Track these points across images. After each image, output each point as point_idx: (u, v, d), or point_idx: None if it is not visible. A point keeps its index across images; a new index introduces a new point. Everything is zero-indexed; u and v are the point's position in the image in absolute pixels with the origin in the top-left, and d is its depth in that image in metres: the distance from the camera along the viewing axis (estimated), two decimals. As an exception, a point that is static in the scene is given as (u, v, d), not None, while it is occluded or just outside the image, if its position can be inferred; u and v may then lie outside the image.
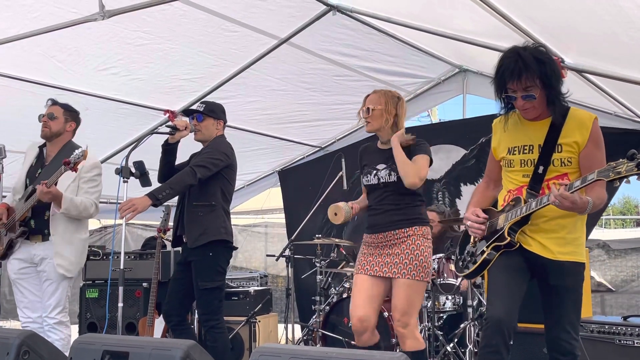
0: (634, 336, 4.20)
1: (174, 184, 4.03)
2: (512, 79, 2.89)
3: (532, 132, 3.03)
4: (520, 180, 3.06)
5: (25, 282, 4.34)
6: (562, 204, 2.72)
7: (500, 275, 3.00)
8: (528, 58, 2.86)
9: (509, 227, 2.96)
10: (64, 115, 4.43)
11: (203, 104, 4.39)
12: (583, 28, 3.95)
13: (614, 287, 6.86)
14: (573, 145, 2.93)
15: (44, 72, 4.90)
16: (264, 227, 10.05)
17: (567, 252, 2.96)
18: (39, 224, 4.29)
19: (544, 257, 2.95)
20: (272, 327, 6.37)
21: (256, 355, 2.43)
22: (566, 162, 2.95)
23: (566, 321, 2.98)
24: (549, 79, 2.88)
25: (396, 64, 6.00)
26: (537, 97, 2.90)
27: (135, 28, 4.59)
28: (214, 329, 4.18)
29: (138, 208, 3.84)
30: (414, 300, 3.68)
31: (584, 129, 2.94)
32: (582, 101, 5.81)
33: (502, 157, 3.15)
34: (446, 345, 5.10)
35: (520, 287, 2.98)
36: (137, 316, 5.78)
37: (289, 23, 5.03)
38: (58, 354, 3.00)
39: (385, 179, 3.77)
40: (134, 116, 5.79)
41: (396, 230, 3.73)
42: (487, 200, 3.30)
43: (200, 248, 4.14)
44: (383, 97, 3.83)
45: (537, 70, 2.86)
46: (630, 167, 2.49)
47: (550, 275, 2.98)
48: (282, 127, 6.86)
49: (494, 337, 2.83)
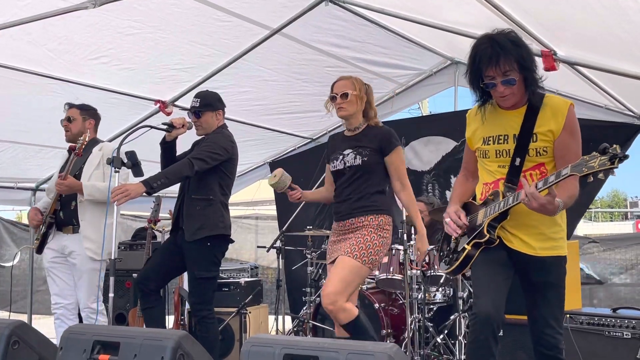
0: (623, 328, 4.23)
1: (170, 173, 4.01)
2: (490, 64, 2.81)
3: (506, 121, 2.97)
4: (496, 171, 3.01)
5: (57, 271, 4.64)
6: (531, 204, 2.67)
7: (484, 270, 2.97)
8: (504, 41, 2.80)
9: (488, 224, 2.93)
10: (80, 115, 4.73)
11: (198, 98, 4.33)
12: (576, 20, 3.96)
13: (603, 279, 6.90)
14: (548, 134, 2.87)
15: (34, 60, 4.86)
16: (255, 219, 10.04)
17: (548, 247, 2.94)
18: (67, 215, 4.56)
19: (525, 253, 2.93)
20: (262, 319, 6.37)
21: (248, 345, 2.42)
22: (541, 151, 2.89)
23: (550, 317, 2.97)
24: (526, 62, 2.82)
25: (388, 55, 5.99)
26: (516, 82, 2.83)
27: (126, 17, 4.55)
28: (206, 319, 4.18)
29: (131, 194, 3.83)
30: (349, 279, 3.62)
31: (560, 116, 2.86)
32: (573, 94, 5.83)
33: (477, 147, 3.10)
34: (436, 336, 5.13)
35: (506, 281, 2.96)
36: (127, 307, 5.77)
37: (281, 13, 5.00)
38: (48, 344, 2.99)
39: (351, 162, 3.81)
40: (125, 106, 5.75)
41: (353, 219, 3.78)
42: (468, 193, 3.26)
43: (198, 241, 4.13)
44: (356, 83, 3.87)
45: (514, 53, 2.79)
46: (603, 161, 2.40)
47: (532, 271, 2.97)
48: (273, 118, 6.84)
49: (482, 332, 2.80)
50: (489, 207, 2.96)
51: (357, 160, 3.79)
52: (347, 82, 3.87)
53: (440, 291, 5.30)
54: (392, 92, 6.80)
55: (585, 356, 4.31)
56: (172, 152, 4.32)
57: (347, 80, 3.89)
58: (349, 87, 3.84)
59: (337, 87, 3.89)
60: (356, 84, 3.86)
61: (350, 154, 3.83)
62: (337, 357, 2.20)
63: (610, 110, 5.82)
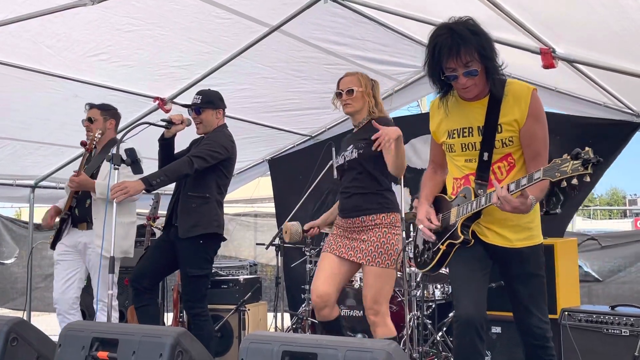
0: (621, 325, 4.23)
1: (170, 172, 4.02)
2: (451, 55, 2.72)
3: (470, 113, 2.90)
4: (464, 166, 2.95)
5: (64, 263, 4.70)
6: (504, 208, 2.62)
7: (461, 270, 2.92)
8: (463, 31, 2.72)
9: (462, 224, 2.87)
10: (102, 115, 4.86)
11: (200, 95, 4.35)
12: (575, 18, 3.95)
13: (602, 277, 6.90)
14: (513, 124, 2.81)
15: (33, 57, 4.85)
16: (254, 217, 10.03)
17: (524, 237, 2.90)
18: (82, 212, 4.68)
19: (502, 246, 2.89)
20: (261, 316, 6.38)
21: (247, 342, 2.43)
22: (507, 142, 2.83)
23: (533, 306, 2.93)
24: (487, 51, 2.74)
25: (387, 52, 5.99)
26: (478, 72, 2.75)
27: (125, 14, 4.54)
28: (200, 317, 4.19)
29: (130, 191, 3.86)
30: (383, 288, 3.73)
31: (522, 103, 2.79)
32: (572, 92, 5.83)
33: (442, 141, 3.04)
34: (435, 333, 5.14)
35: (484, 276, 2.93)
36: (126, 304, 5.76)
37: (280, 11, 5.00)
38: (47, 341, 3.00)
39: (349, 157, 3.82)
40: (124, 103, 5.74)
41: (363, 217, 3.76)
42: (438, 186, 3.21)
43: (191, 239, 4.13)
44: (362, 79, 3.87)
45: (474, 43, 2.71)
46: (576, 165, 2.35)
47: (511, 263, 2.94)
48: (272, 116, 6.83)
49: (467, 335, 2.75)
50: (461, 206, 2.90)
51: (353, 153, 3.80)
52: (353, 78, 3.88)
53: (439, 288, 5.31)
54: (391, 90, 6.79)
55: (583, 353, 4.32)
56: (171, 149, 4.32)
57: (352, 76, 3.90)
58: (354, 84, 3.85)
59: (343, 83, 3.90)
60: (362, 80, 3.87)
61: (349, 149, 3.86)
62: (336, 354, 2.21)
63: (609, 107, 5.81)
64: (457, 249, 2.93)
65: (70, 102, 5.42)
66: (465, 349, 2.77)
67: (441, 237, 2.98)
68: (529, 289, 2.94)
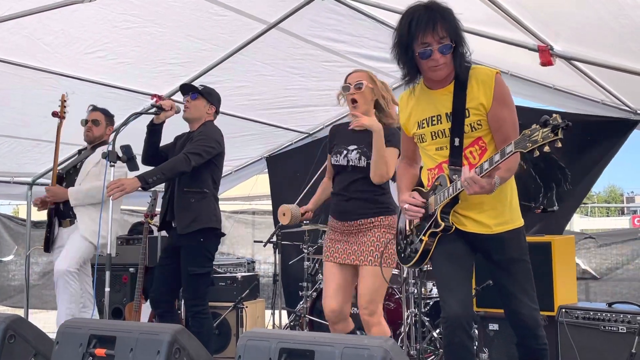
0: (618, 322, 4.24)
1: (167, 170, 4.00)
2: (427, 29, 2.71)
3: (437, 101, 2.89)
4: (435, 154, 2.94)
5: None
6: (472, 189, 2.62)
7: (445, 267, 2.90)
8: (438, 8, 2.74)
9: (441, 211, 2.85)
10: (105, 120, 5.04)
11: (202, 86, 4.42)
12: (573, 15, 3.95)
13: (599, 274, 6.92)
14: (480, 107, 2.79)
15: (30, 54, 4.84)
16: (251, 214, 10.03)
17: (503, 222, 2.87)
18: (67, 207, 4.85)
19: (482, 234, 2.86)
20: (259, 313, 6.38)
21: (244, 339, 2.43)
22: (476, 125, 2.82)
23: (520, 292, 2.88)
24: (459, 31, 2.75)
25: (385, 50, 5.91)
26: (451, 50, 2.73)
27: (122, 11, 4.54)
28: (200, 314, 4.19)
29: (126, 188, 3.84)
30: (379, 287, 3.68)
31: (487, 88, 2.78)
32: (569, 89, 5.83)
33: (413, 133, 3.03)
34: (432, 331, 5.14)
35: (468, 272, 2.91)
36: (123, 301, 5.77)
37: (278, 8, 4.99)
38: (44, 338, 2.99)
39: (355, 163, 3.71)
40: (121, 100, 5.73)
41: (362, 220, 3.70)
42: (415, 179, 3.19)
43: (191, 234, 4.12)
44: (373, 77, 3.75)
45: (449, 19, 2.73)
46: (546, 133, 2.33)
47: (492, 250, 2.90)
48: (270, 113, 6.82)
49: (456, 335, 2.76)
50: (438, 194, 2.88)
51: (361, 162, 3.70)
52: (364, 74, 3.76)
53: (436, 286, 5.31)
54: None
55: (580, 350, 4.33)
56: (158, 136, 4.32)
57: (362, 72, 3.78)
58: (364, 78, 3.71)
59: (352, 77, 3.75)
60: (373, 78, 3.74)
61: (355, 153, 3.73)
62: (333, 351, 2.21)
63: (607, 105, 5.82)
64: (439, 244, 2.90)
65: (68, 100, 5.40)
66: (455, 349, 2.78)
67: (422, 229, 2.96)
68: (514, 275, 2.89)
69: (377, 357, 2.12)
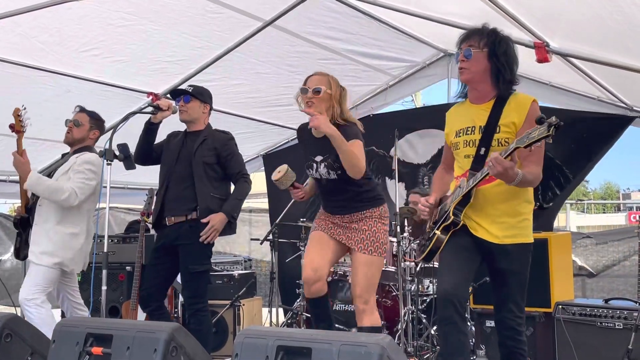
0: (614, 318, 4.26)
1: (241, 196, 4.31)
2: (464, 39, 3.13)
3: (475, 114, 3.14)
4: (463, 162, 3.17)
5: None
6: (495, 168, 2.82)
7: (449, 254, 3.15)
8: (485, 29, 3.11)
9: (454, 208, 3.10)
10: (89, 122, 4.64)
11: (191, 87, 4.38)
12: (569, 12, 3.95)
13: (596, 272, 6.93)
14: (510, 125, 3.03)
15: (25, 53, 4.82)
16: (248, 212, 10.02)
17: (512, 235, 3.08)
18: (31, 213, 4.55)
19: (490, 242, 3.07)
20: (256, 311, 6.38)
21: (241, 337, 2.42)
22: (503, 142, 3.04)
23: (511, 302, 3.13)
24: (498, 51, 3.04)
25: (381, 47, 5.98)
26: (473, 56, 3.05)
27: (117, 9, 4.52)
28: (200, 312, 4.19)
29: (219, 228, 4.08)
30: (373, 276, 3.74)
31: (522, 109, 3.03)
32: (566, 85, 5.85)
33: (450, 141, 3.29)
34: (429, 328, 5.14)
35: (469, 262, 3.12)
36: (120, 300, 5.75)
37: (274, 5, 4.99)
38: (40, 337, 2.99)
39: (326, 177, 3.72)
40: (117, 98, 5.72)
41: (354, 212, 3.74)
42: (447, 185, 3.43)
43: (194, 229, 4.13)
44: (332, 83, 3.69)
45: (489, 38, 3.06)
46: (542, 130, 2.63)
47: (496, 259, 3.11)
48: (266, 111, 6.82)
49: (446, 310, 2.99)
50: (454, 193, 3.16)
51: (331, 175, 3.69)
52: (323, 78, 3.69)
53: (433, 283, 5.31)
54: (385, 85, 6.79)
55: (577, 347, 4.34)
56: (154, 135, 4.33)
57: (323, 76, 3.70)
58: (323, 83, 3.66)
59: (312, 81, 3.69)
60: (332, 83, 3.68)
61: (323, 167, 3.70)
62: (330, 348, 2.20)
63: (603, 101, 5.83)
64: (450, 238, 3.13)
65: (63, 98, 5.39)
66: (445, 325, 3.02)
67: (436, 224, 3.23)
68: (509, 285, 3.13)
69: (375, 354, 2.12)
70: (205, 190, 4.18)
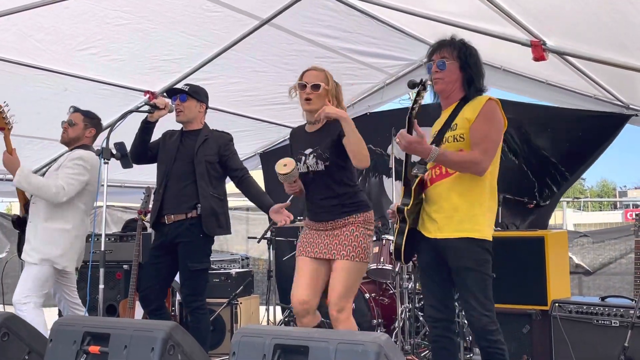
0: (611, 316, 4.27)
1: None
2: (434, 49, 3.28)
3: (443, 117, 3.30)
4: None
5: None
6: (400, 144, 3.07)
7: (426, 277, 3.32)
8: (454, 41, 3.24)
9: (401, 201, 3.21)
10: (83, 122, 4.66)
11: (187, 86, 4.37)
12: (565, 10, 3.96)
13: (592, 269, 6.95)
14: (465, 121, 3.12)
15: (22, 51, 4.82)
16: (246, 210, 10.02)
17: (460, 229, 3.07)
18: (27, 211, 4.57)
19: (440, 238, 3.10)
20: (253, 309, 6.39)
21: (239, 336, 2.43)
22: (459, 137, 3.12)
23: (471, 299, 3.07)
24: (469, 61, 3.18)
25: (378, 45, 5.98)
26: (446, 67, 3.16)
27: (114, 7, 4.52)
28: (199, 310, 4.20)
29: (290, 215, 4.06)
30: (352, 283, 3.56)
31: (478, 105, 3.13)
32: (562, 84, 5.85)
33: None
34: (426, 325, 5.15)
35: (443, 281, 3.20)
36: (117, 298, 5.75)
37: (271, 3, 4.98)
38: (38, 336, 2.99)
39: (314, 168, 3.64)
40: (114, 97, 5.72)
41: (337, 219, 3.60)
42: None
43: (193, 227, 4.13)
44: (329, 79, 3.67)
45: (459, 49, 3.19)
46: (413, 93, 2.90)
47: (448, 258, 3.11)
48: (263, 109, 6.81)
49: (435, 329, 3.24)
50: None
51: (319, 165, 3.61)
52: (320, 74, 3.66)
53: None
54: (382, 83, 6.79)
55: (574, 344, 4.35)
56: (150, 134, 4.33)
57: (320, 72, 3.68)
58: (321, 79, 3.64)
59: (309, 76, 3.66)
60: (329, 79, 3.66)
61: (312, 158, 3.65)
62: (327, 347, 2.21)
63: (599, 100, 5.84)
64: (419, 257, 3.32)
65: (60, 97, 5.38)
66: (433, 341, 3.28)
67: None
68: (464, 281, 3.09)
69: (371, 352, 2.12)
70: (207, 189, 4.20)
